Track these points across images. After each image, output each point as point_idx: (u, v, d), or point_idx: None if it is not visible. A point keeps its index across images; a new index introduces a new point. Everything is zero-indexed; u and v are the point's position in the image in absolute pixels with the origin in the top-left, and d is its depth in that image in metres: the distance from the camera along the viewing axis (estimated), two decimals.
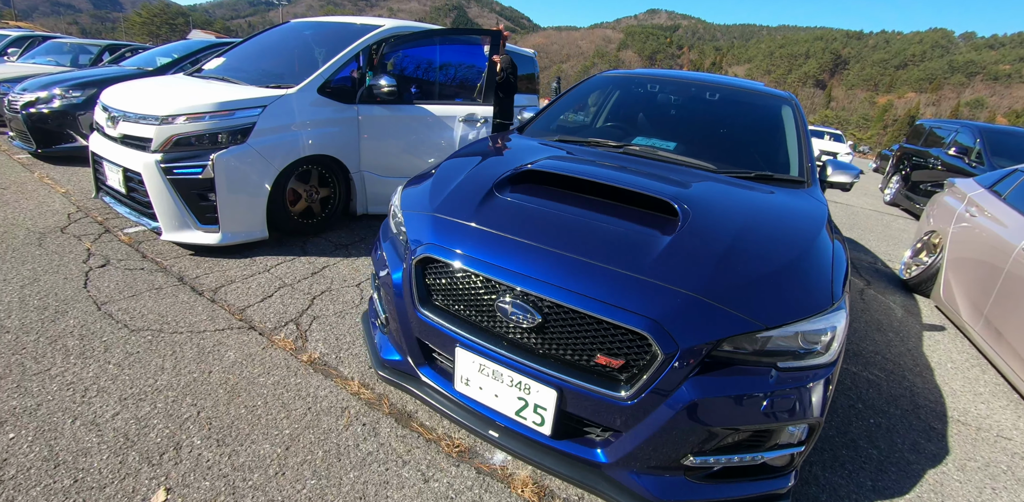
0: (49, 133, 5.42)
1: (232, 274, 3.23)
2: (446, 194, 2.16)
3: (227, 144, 3.36)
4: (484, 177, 2.28)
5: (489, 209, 2.02)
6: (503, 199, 2.08)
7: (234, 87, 3.71)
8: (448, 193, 2.17)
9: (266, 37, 4.97)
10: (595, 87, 3.95)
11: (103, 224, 3.86)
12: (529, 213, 2.00)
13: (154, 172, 3.26)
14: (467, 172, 2.36)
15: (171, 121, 3.25)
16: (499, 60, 4.82)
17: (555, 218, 1.97)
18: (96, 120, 3.83)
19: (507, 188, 2.18)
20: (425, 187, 2.33)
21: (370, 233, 4.24)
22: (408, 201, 2.26)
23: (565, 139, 3.01)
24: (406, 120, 4.30)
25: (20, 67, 8.12)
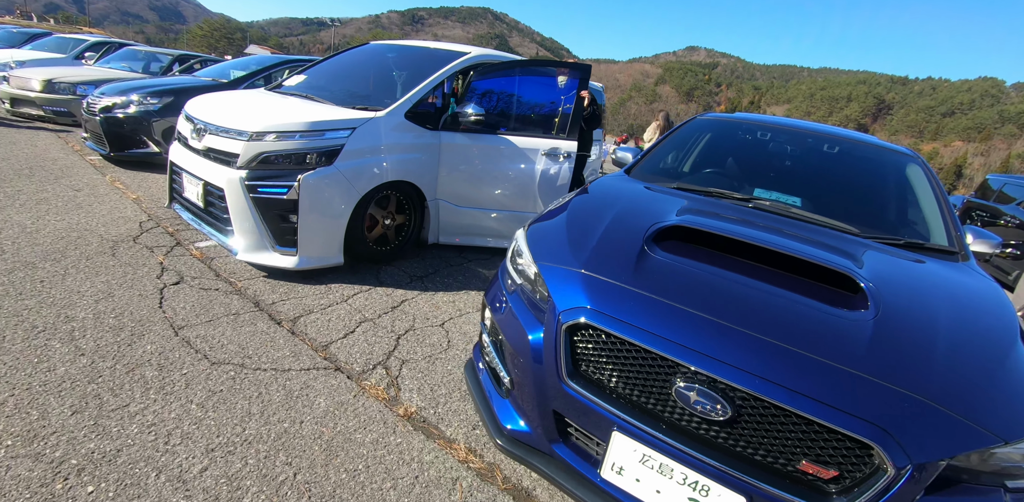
0: (123, 137, 5.41)
1: (309, 303, 3.02)
2: (591, 248, 1.93)
3: (314, 165, 3.21)
4: (628, 230, 2.05)
5: (650, 271, 1.78)
6: (660, 259, 1.85)
7: (321, 107, 3.60)
8: (594, 247, 1.93)
9: (347, 57, 4.92)
10: (697, 130, 3.75)
11: (174, 236, 3.72)
12: (696, 279, 1.76)
13: (237, 189, 3.11)
14: (606, 222, 2.13)
15: (260, 138, 3.13)
16: (587, 95, 4.69)
17: (728, 288, 1.72)
18: (179, 130, 3.74)
19: (657, 245, 1.95)
20: (559, 235, 2.10)
21: (443, 265, 4.03)
22: (542, 250, 2.03)
23: (684, 187, 2.78)
24: (488, 150, 4.14)
25: (96, 71, 8.34)
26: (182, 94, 5.63)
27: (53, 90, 7.47)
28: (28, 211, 3.74)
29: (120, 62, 9.31)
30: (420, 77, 4.29)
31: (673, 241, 2.02)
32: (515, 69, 4.48)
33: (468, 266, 4.11)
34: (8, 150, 5.44)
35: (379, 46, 5.00)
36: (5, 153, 5.30)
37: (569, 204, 2.41)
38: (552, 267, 1.89)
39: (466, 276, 3.89)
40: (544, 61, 4.54)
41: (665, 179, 3.04)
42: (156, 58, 9.83)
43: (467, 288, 3.67)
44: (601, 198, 2.52)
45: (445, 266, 4.01)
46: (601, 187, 2.72)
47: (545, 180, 4.17)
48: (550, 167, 4.18)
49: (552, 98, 4.56)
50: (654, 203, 2.45)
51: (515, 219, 4.27)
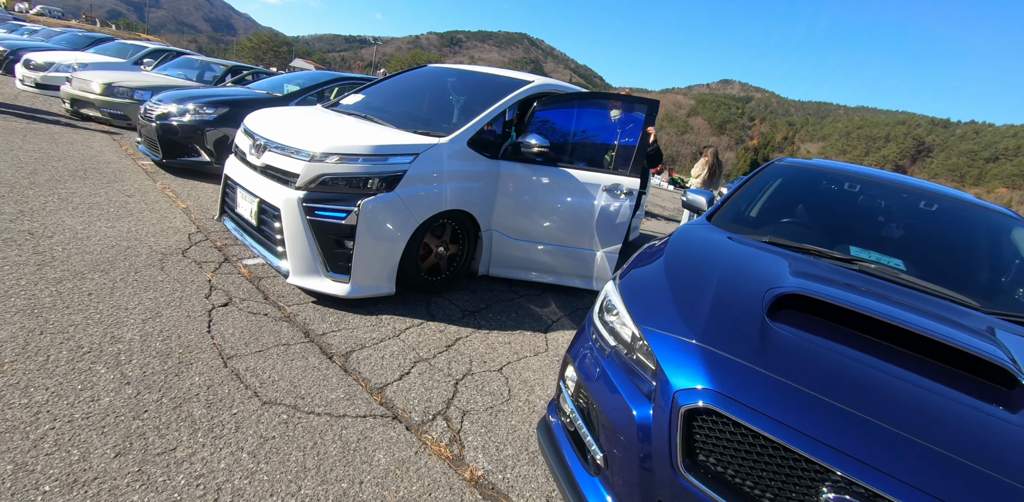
0: (176, 145, 5.41)
1: (361, 336, 2.84)
2: (705, 314, 1.72)
3: (375, 191, 3.07)
4: (742, 295, 1.85)
5: (777, 349, 1.57)
6: (785, 335, 1.63)
7: (382, 129, 3.49)
8: (707, 314, 1.72)
9: (406, 79, 4.86)
10: (776, 176, 3.54)
11: (223, 251, 3.60)
12: (832, 363, 1.55)
13: (294, 210, 2.98)
14: (713, 282, 1.92)
15: (322, 159, 3.00)
16: (653, 132, 4.54)
17: (869, 376, 1.52)
18: (237, 144, 3.66)
19: (776, 315, 1.74)
20: (660, 293, 1.89)
21: (494, 300, 3.83)
22: (644, 310, 1.82)
23: (777, 242, 2.55)
24: (548, 182, 3.96)
25: (154, 77, 8.52)
26: (237, 106, 5.64)
27: (112, 93, 7.60)
28: (80, 215, 3.67)
29: (176, 70, 9.53)
30: (481, 103, 4.20)
31: (791, 311, 1.80)
32: (579, 101, 4.35)
33: (520, 302, 3.91)
34: (65, 150, 5.47)
35: (438, 69, 4.94)
36: (63, 153, 5.32)
37: (663, 256, 2.21)
38: (661, 335, 1.67)
39: (519, 314, 3.68)
40: (610, 95, 4.41)
41: (750, 229, 2.84)
42: (210, 67, 10.04)
43: (522, 327, 3.45)
44: (698, 251, 2.32)
45: (496, 301, 3.81)
46: (691, 237, 2.51)
47: (604, 217, 3.98)
48: (610, 204, 3.99)
49: (616, 132, 4.41)
50: (758, 261, 2.24)
51: (569, 255, 4.08)
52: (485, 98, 4.22)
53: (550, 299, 4.11)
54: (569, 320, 3.80)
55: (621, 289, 2.00)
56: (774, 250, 2.43)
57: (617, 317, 1.92)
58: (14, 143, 5.34)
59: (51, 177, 4.42)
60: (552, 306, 3.99)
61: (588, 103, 4.39)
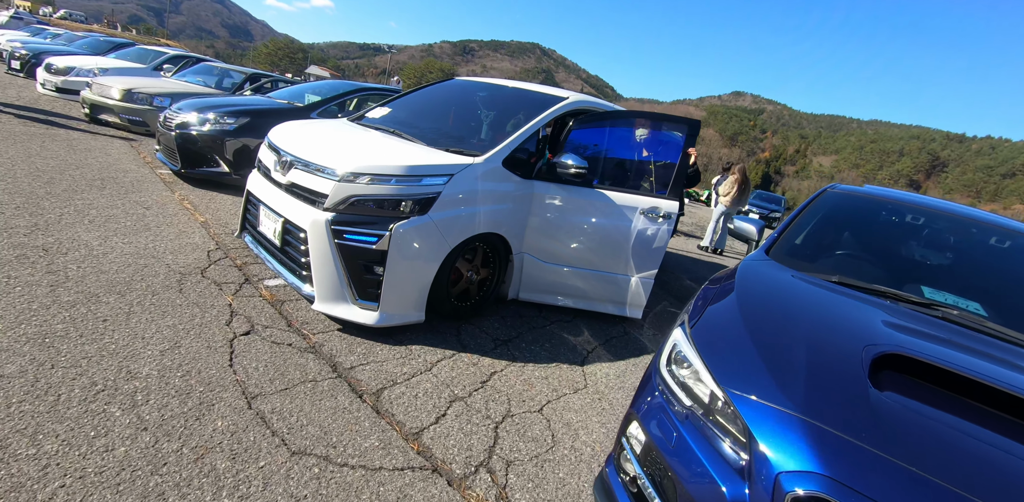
0: (196, 155, 5.27)
1: (391, 370, 2.64)
2: (802, 378, 1.52)
3: (408, 214, 2.88)
4: (838, 353, 1.67)
5: (892, 426, 1.37)
6: (897, 406, 1.44)
7: (413, 147, 3.31)
8: (805, 377, 1.52)
9: (432, 92, 4.70)
10: (831, 206, 3.33)
11: (243, 271, 3.43)
12: (955, 444, 1.38)
13: (322, 233, 2.80)
14: (802, 337, 1.73)
15: (353, 179, 2.82)
16: (695, 153, 4.36)
17: (1003, 462, 1.32)
18: (261, 160, 3.49)
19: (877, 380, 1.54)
20: (742, 346, 1.70)
21: (525, 327, 3.63)
22: (726, 367, 1.62)
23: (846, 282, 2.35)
24: (583, 204, 3.76)
25: (174, 83, 8.45)
26: (258, 116, 5.51)
27: (131, 99, 7.53)
28: (96, 229, 3.51)
29: (196, 76, 9.47)
30: (515, 120, 4.04)
31: (892, 372, 1.61)
32: (616, 119, 4.18)
33: (551, 330, 3.70)
34: (83, 157, 5.35)
35: (466, 83, 4.78)
36: (80, 160, 5.20)
37: (735, 300, 2.00)
38: (753, 402, 1.46)
39: (553, 343, 3.47)
40: (649, 114, 4.23)
41: (812, 265, 2.66)
42: (229, 75, 9.99)
43: (557, 359, 3.25)
44: (771, 295, 2.13)
45: (528, 328, 3.61)
46: (759, 277, 2.31)
47: (641, 241, 3.77)
48: (648, 227, 3.78)
49: (654, 153, 4.23)
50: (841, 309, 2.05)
51: (603, 280, 3.87)
52: (518, 115, 4.06)
53: (582, 326, 3.91)
54: (604, 351, 3.59)
55: (694, 339, 1.80)
56: (850, 293, 2.23)
57: (691, 372, 1.72)
58: (32, 149, 5.23)
59: (68, 187, 4.28)
60: (585, 334, 3.78)
61: (625, 122, 4.21)
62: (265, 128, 5.54)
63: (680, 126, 4.01)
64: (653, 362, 1.96)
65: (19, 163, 4.65)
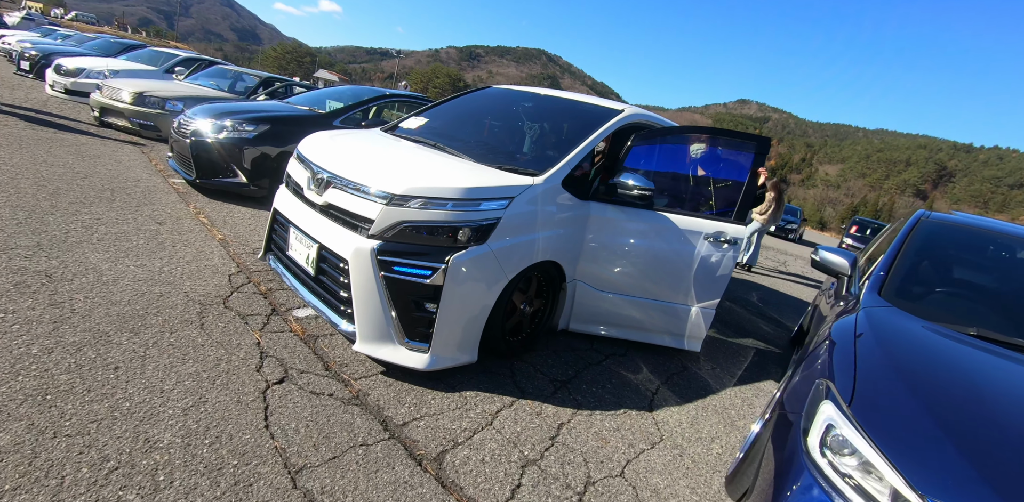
0: (212, 164, 4.92)
1: (449, 426, 2.25)
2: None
3: (466, 243, 2.51)
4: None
5: None
6: None
7: (463, 164, 2.93)
8: None
9: (470, 101, 4.33)
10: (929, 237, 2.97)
11: (268, 298, 3.06)
12: None
13: (367, 264, 2.42)
14: (995, 421, 1.36)
15: (403, 203, 2.43)
16: (764, 173, 4.00)
17: None
18: (291, 175, 3.12)
19: None
20: (933, 438, 1.34)
21: (580, 363, 3.24)
22: (923, 470, 1.25)
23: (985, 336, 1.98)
24: (643, 228, 3.38)
25: (186, 87, 8.13)
26: (279, 123, 5.17)
27: (143, 103, 7.20)
28: (106, 249, 3.15)
29: (208, 80, 9.16)
30: (563, 133, 3.68)
31: None
32: (679, 135, 3.80)
33: (608, 366, 3.32)
34: (92, 165, 5.01)
35: (508, 92, 4.40)
36: (89, 169, 4.85)
37: (885, 362, 1.64)
38: None
39: (614, 384, 3.09)
40: (714, 129, 3.85)
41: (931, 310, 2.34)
42: (242, 78, 9.68)
43: (623, 404, 2.87)
44: (927, 358, 1.79)
45: (584, 365, 3.23)
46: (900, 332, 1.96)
47: (704, 268, 3.40)
48: (712, 253, 3.40)
49: (719, 172, 3.87)
50: (1013, 377, 1.67)
51: (661, 310, 3.50)
52: (571, 128, 3.70)
53: (639, 361, 3.53)
54: (669, 391, 3.21)
55: (859, 421, 1.42)
56: (1000, 352, 1.86)
57: (860, 464, 1.35)
58: (38, 156, 4.88)
59: (75, 198, 3.92)
60: (644, 371, 3.40)
61: (688, 138, 3.85)
62: (286, 136, 5.22)
63: (748, 144, 3.62)
64: (795, 442, 1.57)
65: (24, 171, 4.30)
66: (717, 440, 2.80)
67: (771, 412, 2.05)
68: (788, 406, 1.85)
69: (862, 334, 2.03)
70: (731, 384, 3.62)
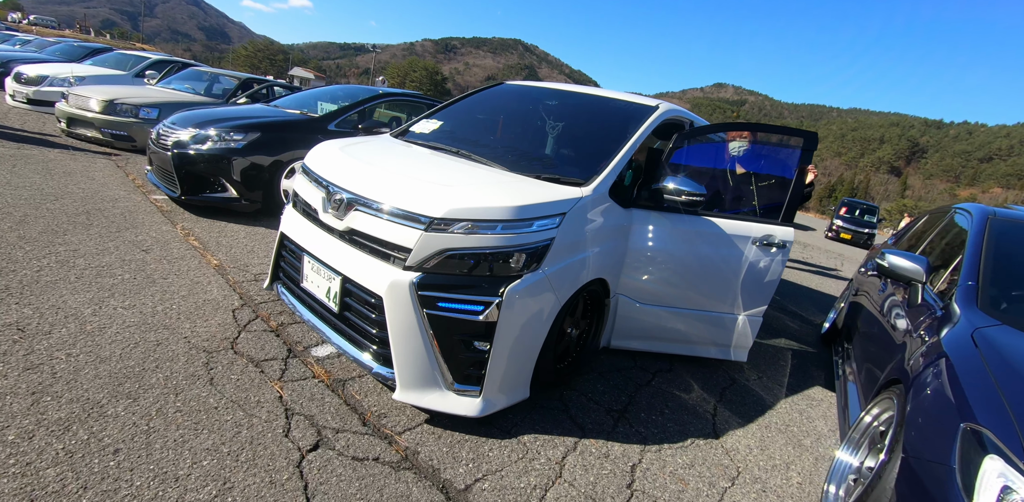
0: (198, 178, 4.47)
1: (515, 483, 1.92)
2: None
3: (520, 271, 2.16)
4: None
5: None
6: None
7: (501, 176, 2.56)
8: None
9: (484, 100, 3.91)
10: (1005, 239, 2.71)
11: (281, 336, 2.68)
12: None
13: (406, 301, 2.05)
14: None
15: (447, 227, 2.06)
16: (814, 172, 3.73)
17: None
18: (300, 195, 2.70)
19: None
20: None
21: (629, 385, 2.95)
22: None
23: None
24: (688, 235, 3.05)
25: (160, 92, 7.61)
26: (270, 130, 4.73)
27: (114, 111, 6.68)
28: (87, 288, 2.73)
29: (183, 83, 8.61)
30: (597, 134, 3.35)
31: None
32: (722, 132, 3.49)
33: (658, 385, 3.04)
34: (63, 185, 4.53)
35: (526, 89, 3.98)
36: (59, 189, 4.38)
37: None
38: None
39: (671, 408, 2.81)
40: (759, 126, 3.53)
41: None
42: (219, 80, 9.13)
43: (688, 433, 2.61)
44: None
45: (634, 388, 2.93)
46: None
47: (752, 275, 3.12)
48: (760, 259, 3.12)
49: (764, 170, 3.59)
50: None
51: (707, 321, 3.22)
52: (605, 128, 3.37)
53: (685, 376, 3.27)
54: (727, 410, 2.96)
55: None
56: None
57: None
58: (0, 177, 4.40)
59: (47, 226, 3.48)
60: (696, 389, 3.13)
61: (732, 135, 3.55)
62: (278, 144, 4.77)
63: (793, 140, 3.33)
64: None
65: None
66: (792, 467, 2.54)
67: (888, 453, 1.76)
68: (920, 451, 1.56)
69: (989, 360, 1.75)
70: (783, 395, 3.38)
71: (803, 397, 3.42)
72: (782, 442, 2.76)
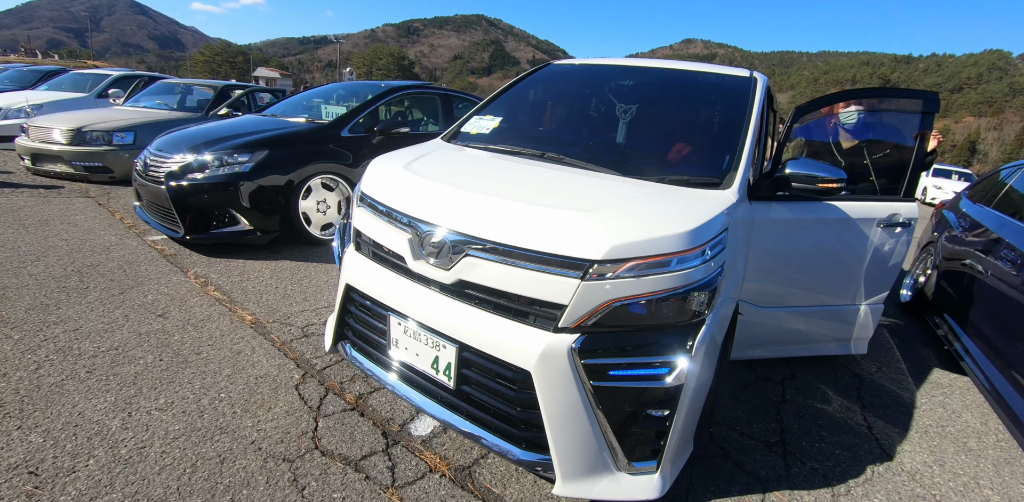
0: (202, 213, 3.78)
1: None
2: None
3: (701, 314, 1.60)
4: None
5: None
6: None
7: (630, 186, 1.96)
8: None
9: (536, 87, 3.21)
10: None
11: (367, 415, 2.08)
12: None
13: (565, 373, 1.51)
14: None
15: (609, 272, 1.49)
16: (937, 137, 3.19)
17: None
18: (363, 231, 2.01)
19: None
20: None
21: (772, 408, 2.51)
22: None
23: None
24: (810, 224, 2.53)
25: (131, 112, 6.78)
26: (278, 145, 4.04)
27: (83, 141, 5.91)
28: (105, 388, 2.10)
29: (153, 99, 7.76)
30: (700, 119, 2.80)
31: None
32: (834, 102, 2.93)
33: (795, 400, 2.69)
34: (41, 238, 3.84)
35: (586, 69, 3.23)
36: (38, 244, 3.69)
37: None
38: None
39: (827, 429, 2.45)
40: (876, 90, 2.98)
41: None
42: (191, 91, 8.28)
43: (860, 458, 2.25)
44: None
45: (773, 407, 2.59)
46: None
47: (877, 260, 2.69)
48: (885, 241, 2.66)
49: (880, 139, 3.09)
50: None
51: (828, 316, 2.84)
52: (708, 111, 2.79)
53: (814, 382, 2.92)
54: (879, 420, 2.61)
55: None
56: None
57: None
58: None
59: (34, 301, 2.82)
60: (832, 397, 2.80)
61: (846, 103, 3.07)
62: (291, 160, 4.00)
63: (914, 102, 2.78)
64: None
65: None
66: (980, 481, 2.20)
67: None
68: None
69: None
70: (912, 386, 3.06)
71: (932, 385, 3.11)
72: (951, 450, 2.42)
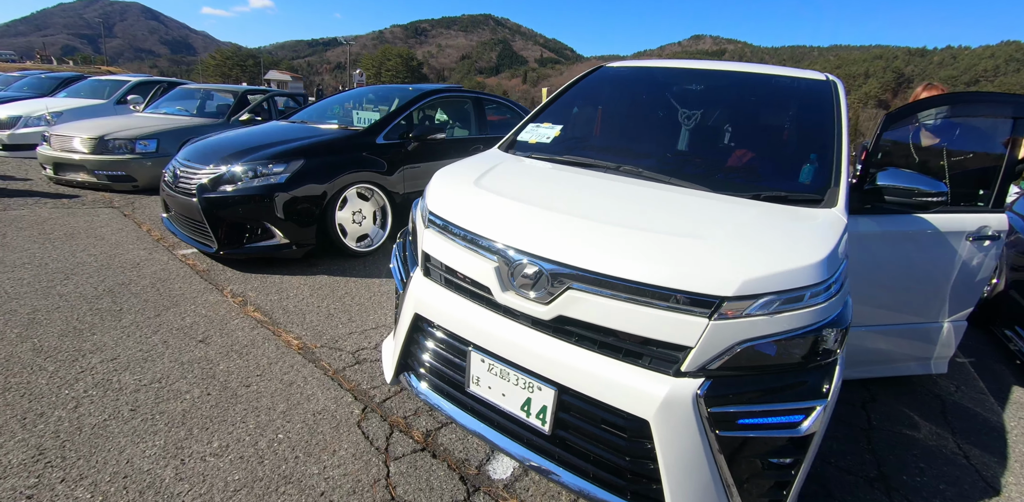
0: (236, 227, 3.59)
1: None
2: None
3: (833, 353, 1.41)
4: None
5: None
6: None
7: (720, 202, 1.79)
8: None
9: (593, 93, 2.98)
10: None
11: (438, 454, 1.87)
12: None
13: (688, 422, 1.32)
14: None
15: (742, 310, 1.30)
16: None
17: None
18: (435, 257, 1.77)
19: None
20: None
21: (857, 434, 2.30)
22: None
23: None
24: (900, 239, 2.34)
25: (152, 120, 6.64)
26: (313, 154, 3.84)
27: (105, 149, 5.78)
28: (152, 430, 1.90)
29: (174, 105, 7.63)
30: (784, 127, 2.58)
31: None
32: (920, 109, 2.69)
33: (883, 427, 2.47)
34: (69, 253, 3.67)
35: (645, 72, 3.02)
36: (66, 260, 3.52)
37: None
38: None
39: (924, 460, 2.25)
40: (964, 95, 2.72)
41: None
42: (211, 96, 8.14)
43: (968, 494, 2.06)
44: None
45: (862, 436, 2.37)
46: None
47: (964, 275, 2.50)
48: (974, 255, 2.47)
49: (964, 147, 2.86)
50: None
51: (910, 335, 2.65)
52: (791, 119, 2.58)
53: (896, 405, 2.71)
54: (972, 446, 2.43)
55: None
56: None
57: None
58: None
59: (66, 325, 2.64)
60: (920, 422, 2.58)
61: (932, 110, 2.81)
62: (327, 169, 3.73)
63: (1003, 108, 2.57)
64: None
65: None
66: None
67: None
68: None
69: None
70: (998, 408, 2.82)
71: (1017, 406, 2.86)
72: None
